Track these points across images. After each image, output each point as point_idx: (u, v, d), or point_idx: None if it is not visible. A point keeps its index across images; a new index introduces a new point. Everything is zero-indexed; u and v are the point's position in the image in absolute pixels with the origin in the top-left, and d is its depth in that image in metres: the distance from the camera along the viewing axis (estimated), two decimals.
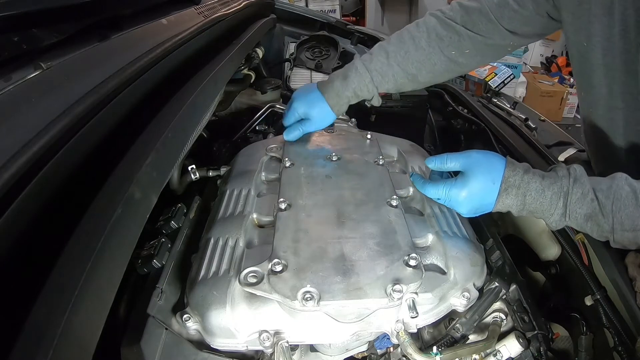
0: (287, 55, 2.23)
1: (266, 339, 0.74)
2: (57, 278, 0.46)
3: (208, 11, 1.34)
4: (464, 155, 0.85)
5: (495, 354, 0.80)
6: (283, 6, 2.35)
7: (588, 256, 0.93)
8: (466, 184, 0.82)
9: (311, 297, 0.69)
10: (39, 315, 0.42)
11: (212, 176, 1.16)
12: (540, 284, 1.11)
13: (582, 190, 0.75)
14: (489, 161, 0.83)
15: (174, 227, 0.95)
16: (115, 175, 0.61)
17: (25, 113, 0.57)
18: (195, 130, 0.95)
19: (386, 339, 0.83)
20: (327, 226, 0.84)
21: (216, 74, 1.05)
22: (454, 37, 1.08)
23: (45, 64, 0.67)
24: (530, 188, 0.78)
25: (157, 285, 0.80)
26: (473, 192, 0.81)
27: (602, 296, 0.86)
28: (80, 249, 0.49)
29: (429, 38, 1.09)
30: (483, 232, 1.03)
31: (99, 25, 0.86)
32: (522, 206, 0.79)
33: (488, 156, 0.84)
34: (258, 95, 1.87)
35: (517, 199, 0.79)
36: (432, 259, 0.84)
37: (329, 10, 5.69)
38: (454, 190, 0.83)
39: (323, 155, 1.10)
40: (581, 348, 0.87)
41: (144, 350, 0.70)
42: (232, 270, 0.79)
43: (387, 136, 1.25)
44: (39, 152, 0.51)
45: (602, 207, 0.73)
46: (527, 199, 0.78)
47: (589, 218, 0.75)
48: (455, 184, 0.84)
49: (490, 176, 0.80)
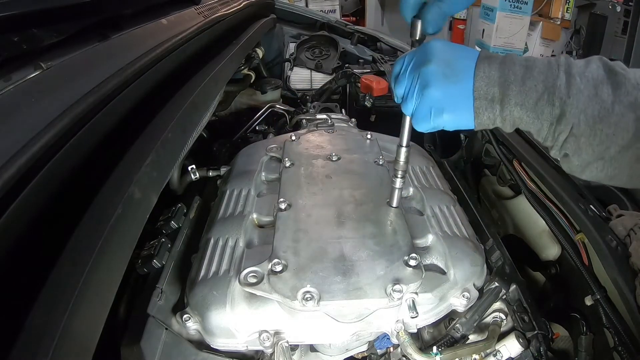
0: (287, 55, 2.24)
1: (266, 339, 0.74)
2: (57, 278, 0.46)
3: (208, 11, 1.34)
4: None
5: (495, 354, 0.80)
6: (283, 6, 2.35)
7: (588, 256, 0.93)
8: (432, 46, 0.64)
9: (311, 297, 0.69)
10: (39, 315, 0.42)
11: (212, 176, 1.16)
12: (540, 284, 1.11)
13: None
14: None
15: (174, 227, 0.95)
16: (115, 175, 0.61)
17: (25, 113, 0.57)
18: (195, 130, 0.95)
19: (386, 339, 0.83)
20: (327, 226, 0.84)
21: (216, 74, 1.05)
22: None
23: (45, 64, 0.67)
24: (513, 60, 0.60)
25: (157, 285, 0.80)
26: (443, 55, 0.62)
27: (602, 296, 0.85)
28: (80, 249, 0.49)
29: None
30: (483, 232, 1.03)
31: (99, 25, 0.86)
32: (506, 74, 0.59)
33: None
34: (258, 95, 1.87)
35: (500, 68, 0.59)
36: (432, 259, 0.84)
37: (329, 10, 5.69)
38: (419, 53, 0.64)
39: (323, 155, 1.10)
40: (581, 348, 0.87)
41: (144, 350, 0.70)
42: (232, 270, 0.79)
43: (387, 136, 1.25)
44: (39, 152, 0.51)
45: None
46: (510, 67, 0.59)
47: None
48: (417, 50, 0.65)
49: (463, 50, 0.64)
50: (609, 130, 0.54)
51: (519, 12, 4.63)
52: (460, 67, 0.61)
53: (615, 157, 0.56)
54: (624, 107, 0.53)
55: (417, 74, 0.63)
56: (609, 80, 0.54)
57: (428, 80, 0.62)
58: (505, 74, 0.58)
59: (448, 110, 0.62)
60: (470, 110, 0.61)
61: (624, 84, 0.54)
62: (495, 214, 1.40)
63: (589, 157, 0.57)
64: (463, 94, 0.60)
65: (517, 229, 1.24)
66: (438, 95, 0.61)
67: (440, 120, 0.63)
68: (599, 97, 0.54)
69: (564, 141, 0.58)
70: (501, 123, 0.61)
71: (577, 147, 0.57)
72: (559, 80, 0.56)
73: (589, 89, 0.55)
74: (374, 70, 1.91)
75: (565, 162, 0.61)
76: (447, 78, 0.61)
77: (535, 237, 1.14)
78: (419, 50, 0.65)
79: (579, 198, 0.99)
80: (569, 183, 1.05)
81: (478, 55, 0.61)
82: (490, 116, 0.60)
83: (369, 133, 1.21)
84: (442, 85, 0.61)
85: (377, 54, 2.10)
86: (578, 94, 0.55)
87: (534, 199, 1.11)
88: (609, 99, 0.54)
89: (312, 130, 1.29)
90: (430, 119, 0.63)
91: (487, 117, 0.61)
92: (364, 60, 2.09)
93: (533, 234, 1.15)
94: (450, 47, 0.64)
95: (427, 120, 0.64)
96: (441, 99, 0.61)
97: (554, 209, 1.05)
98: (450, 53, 0.62)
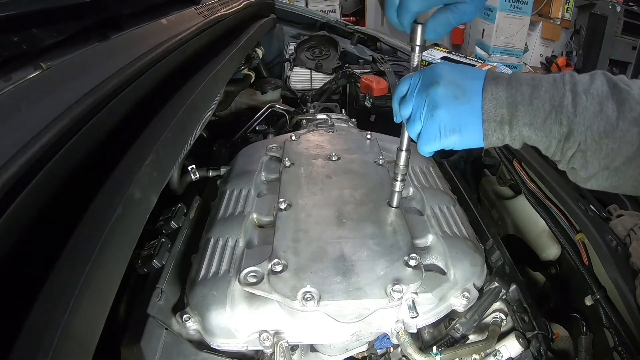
0: (287, 55, 2.24)
1: (266, 339, 0.74)
2: (57, 278, 0.46)
3: (208, 11, 1.34)
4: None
5: (495, 354, 0.80)
6: (283, 6, 2.35)
7: (588, 256, 0.93)
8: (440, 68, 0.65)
9: (311, 297, 0.69)
10: (39, 315, 0.42)
11: (212, 176, 1.16)
12: (540, 284, 1.11)
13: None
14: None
15: (174, 227, 0.95)
16: (115, 175, 0.61)
17: (25, 113, 0.57)
18: (195, 130, 0.95)
19: (386, 339, 0.83)
20: (327, 226, 0.84)
21: (216, 74, 1.05)
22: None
23: (45, 64, 0.67)
24: (520, 79, 0.61)
25: (157, 285, 0.80)
26: (451, 77, 0.63)
27: (602, 296, 0.85)
28: (80, 249, 0.49)
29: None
30: (483, 232, 1.03)
31: (99, 25, 0.86)
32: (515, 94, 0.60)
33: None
34: (258, 95, 1.87)
35: (507, 89, 0.60)
36: (432, 259, 0.84)
37: (329, 10, 5.69)
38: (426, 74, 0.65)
39: (323, 155, 1.10)
40: (581, 348, 0.87)
41: (144, 350, 0.70)
42: (232, 270, 0.79)
43: (387, 136, 1.25)
44: (39, 152, 0.51)
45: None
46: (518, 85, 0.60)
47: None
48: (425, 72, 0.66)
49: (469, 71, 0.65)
50: (614, 145, 0.55)
51: (519, 12, 4.63)
52: (469, 89, 0.62)
53: (619, 168, 0.57)
54: (628, 122, 0.55)
55: (425, 95, 0.64)
56: (613, 97, 0.56)
57: (437, 102, 0.62)
58: (513, 95, 0.59)
59: (457, 132, 0.63)
60: (480, 131, 0.62)
61: (627, 100, 0.55)
62: (495, 214, 1.40)
63: (595, 169, 0.58)
64: (472, 115, 0.61)
65: (517, 229, 1.24)
66: (447, 116, 0.62)
67: (448, 141, 0.64)
68: (604, 114, 0.55)
69: (572, 156, 0.59)
70: (510, 142, 0.63)
71: (584, 162, 0.58)
72: (566, 99, 0.57)
73: (595, 106, 0.56)
74: (374, 70, 1.90)
75: (571, 173, 0.63)
76: (456, 99, 0.62)
77: (535, 237, 1.14)
78: (425, 72, 0.66)
79: (579, 198, 0.99)
80: (569, 183, 1.05)
81: (485, 75, 0.62)
82: (499, 136, 0.62)
83: (369, 133, 1.21)
84: (452, 106, 0.62)
85: (377, 54, 2.10)
86: (584, 112, 0.56)
87: (534, 199, 1.11)
88: (614, 115, 0.55)
89: (312, 130, 1.29)
90: (439, 140, 0.64)
91: (496, 137, 0.62)
92: (364, 60, 2.09)
93: (533, 234, 1.15)
94: (458, 68, 0.65)
95: (435, 141, 0.65)
96: (451, 120, 0.62)
97: (554, 209, 1.05)
98: (457, 75, 0.63)
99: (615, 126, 0.55)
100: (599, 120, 0.56)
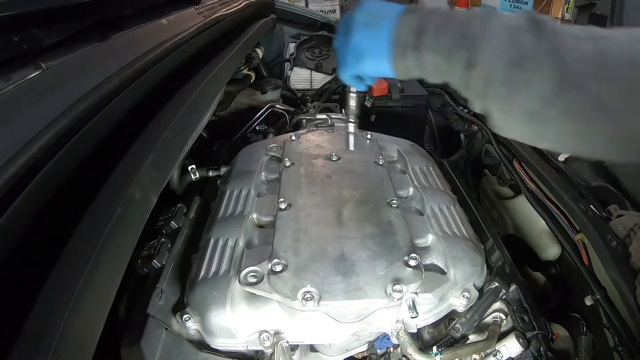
0: (287, 55, 2.23)
1: (266, 339, 0.74)
2: (57, 278, 0.46)
3: (208, 11, 1.34)
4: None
5: (495, 354, 0.80)
6: (283, 6, 2.35)
7: (588, 256, 0.93)
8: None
9: (311, 297, 0.69)
10: (39, 315, 0.42)
11: (212, 176, 1.16)
12: (540, 284, 1.11)
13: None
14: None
15: (174, 227, 0.95)
16: (115, 175, 0.61)
17: (25, 113, 0.57)
18: (195, 130, 0.95)
19: (386, 339, 0.83)
20: (327, 226, 0.84)
21: (216, 74, 1.05)
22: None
23: (45, 64, 0.67)
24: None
25: (157, 285, 0.80)
26: (370, 8, 0.66)
27: (602, 296, 0.85)
28: (80, 249, 0.49)
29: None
30: (483, 232, 1.03)
31: (99, 25, 0.86)
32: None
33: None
34: (258, 95, 1.87)
35: (420, 17, 0.61)
36: (432, 259, 0.84)
37: (329, 10, 5.69)
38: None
39: (323, 155, 1.10)
40: (581, 348, 0.87)
41: (144, 350, 0.70)
42: (232, 270, 0.79)
43: (387, 136, 1.25)
44: (39, 152, 0.51)
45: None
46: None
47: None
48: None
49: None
50: (527, 77, 0.51)
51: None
52: (383, 16, 0.63)
53: (539, 111, 0.52)
54: (542, 53, 0.50)
55: (346, 23, 0.67)
56: (529, 28, 0.52)
57: (350, 29, 0.65)
58: (424, 22, 0.59)
59: (367, 56, 0.64)
60: (389, 57, 0.62)
61: (544, 30, 0.51)
62: (495, 214, 1.40)
63: (510, 109, 0.54)
64: (382, 40, 0.62)
65: (517, 229, 1.24)
66: (359, 40, 0.64)
67: (360, 65, 0.66)
68: (515, 42, 0.51)
69: (483, 89, 0.55)
70: (420, 72, 0.62)
71: (497, 96, 0.54)
72: (473, 27, 0.55)
73: (505, 35, 0.52)
74: None
75: (490, 119, 0.59)
76: (368, 25, 0.64)
77: (535, 237, 1.15)
78: (355, 7, 0.68)
79: (579, 198, 0.99)
80: (569, 183, 1.05)
81: (405, 7, 0.63)
82: (407, 63, 0.61)
83: (369, 133, 1.21)
84: (362, 31, 0.64)
85: None
86: (491, 38, 0.53)
87: (534, 199, 1.11)
88: (527, 44, 0.51)
89: (312, 130, 1.29)
90: (352, 65, 0.66)
91: (404, 63, 0.61)
92: None
93: (533, 234, 1.15)
94: (382, 3, 0.66)
95: (348, 65, 0.67)
96: (362, 43, 0.64)
97: (554, 209, 1.05)
98: (378, 6, 0.65)
99: (527, 56, 0.50)
100: (509, 49, 0.51)
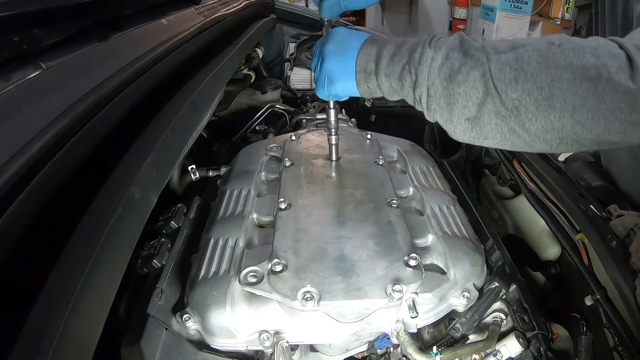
0: (287, 55, 2.23)
1: (266, 339, 0.74)
2: (57, 278, 0.46)
3: (208, 11, 1.34)
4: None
5: (495, 354, 0.80)
6: (283, 6, 2.35)
7: (588, 256, 0.93)
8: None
9: (311, 297, 0.69)
10: (39, 315, 0.42)
11: (212, 176, 1.16)
12: (540, 284, 1.11)
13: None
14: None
15: (174, 227, 0.95)
16: (115, 175, 0.61)
17: (25, 113, 0.57)
18: (195, 130, 0.95)
19: (386, 339, 0.83)
20: (327, 226, 0.84)
21: (216, 74, 1.05)
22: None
23: (45, 64, 0.67)
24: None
25: (157, 285, 0.80)
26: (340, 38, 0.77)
27: (602, 296, 0.85)
28: (80, 249, 0.49)
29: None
30: (483, 232, 1.03)
31: (99, 25, 0.86)
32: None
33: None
34: (258, 95, 1.87)
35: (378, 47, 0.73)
36: (432, 259, 0.84)
37: None
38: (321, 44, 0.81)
39: (323, 155, 1.10)
40: (581, 348, 0.87)
41: (144, 350, 0.70)
42: (232, 270, 0.79)
43: (387, 136, 1.25)
44: (39, 152, 0.51)
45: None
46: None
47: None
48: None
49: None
50: (460, 89, 0.63)
51: (519, 12, 4.62)
52: (349, 46, 0.75)
53: (475, 116, 0.63)
54: (469, 67, 0.62)
55: (320, 51, 0.80)
56: (460, 48, 0.64)
57: (324, 56, 0.77)
58: (380, 51, 0.71)
59: (338, 80, 0.76)
60: (355, 81, 0.75)
61: (471, 47, 0.64)
62: (495, 214, 1.40)
63: (453, 118, 0.66)
64: (349, 67, 0.74)
65: (517, 229, 1.24)
66: (330, 67, 0.76)
67: (333, 88, 0.77)
68: (449, 62, 0.64)
69: (427, 103, 0.68)
70: (380, 92, 0.74)
71: (439, 108, 0.67)
72: (417, 53, 0.67)
73: (441, 56, 0.65)
74: None
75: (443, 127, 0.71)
76: (336, 54, 0.76)
77: (535, 237, 1.15)
78: (327, 36, 0.80)
79: (579, 198, 0.99)
80: (569, 183, 1.05)
81: (367, 37, 0.75)
82: (369, 85, 0.74)
83: (369, 133, 1.21)
84: (334, 59, 0.76)
85: None
86: (429, 61, 0.65)
87: (534, 199, 1.11)
88: (458, 62, 0.63)
89: (312, 130, 1.29)
90: (327, 86, 0.78)
91: (367, 86, 0.74)
92: None
93: (533, 234, 1.15)
94: (349, 32, 0.79)
95: (324, 87, 0.78)
96: (333, 70, 0.76)
97: (554, 209, 1.05)
98: (346, 36, 0.77)
99: (458, 71, 0.63)
100: (445, 69, 0.64)
